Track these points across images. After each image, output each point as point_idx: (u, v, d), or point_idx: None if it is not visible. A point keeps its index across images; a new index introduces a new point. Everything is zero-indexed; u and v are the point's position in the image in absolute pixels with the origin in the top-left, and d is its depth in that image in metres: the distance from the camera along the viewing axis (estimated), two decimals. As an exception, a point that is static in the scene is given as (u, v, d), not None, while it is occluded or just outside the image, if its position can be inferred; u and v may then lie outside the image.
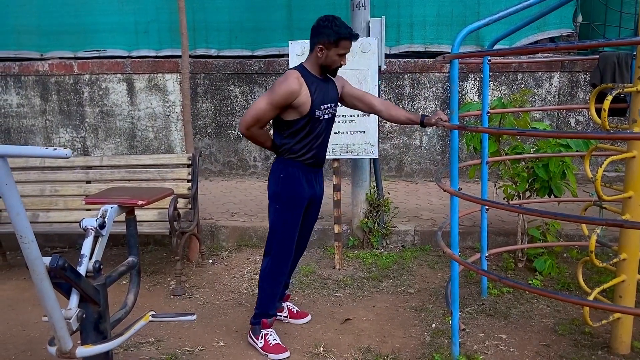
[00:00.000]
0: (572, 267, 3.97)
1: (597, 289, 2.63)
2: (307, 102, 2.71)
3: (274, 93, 2.69)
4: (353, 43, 2.82)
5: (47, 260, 1.97)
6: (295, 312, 3.30)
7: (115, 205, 2.49)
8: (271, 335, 2.94)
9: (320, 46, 2.73)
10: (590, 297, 2.57)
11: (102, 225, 2.34)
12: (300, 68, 2.81)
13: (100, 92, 7.04)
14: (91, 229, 2.32)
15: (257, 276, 3.99)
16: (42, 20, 7.07)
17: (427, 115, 2.93)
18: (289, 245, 2.92)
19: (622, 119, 3.97)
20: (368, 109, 3.09)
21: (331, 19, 2.71)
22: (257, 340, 2.93)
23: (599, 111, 2.46)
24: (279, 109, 2.72)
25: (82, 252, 2.28)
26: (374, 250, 4.47)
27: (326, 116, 2.85)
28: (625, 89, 2.59)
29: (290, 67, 2.99)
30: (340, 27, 2.70)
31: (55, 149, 1.74)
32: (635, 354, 2.79)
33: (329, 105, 2.85)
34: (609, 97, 2.40)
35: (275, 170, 2.90)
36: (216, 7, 6.82)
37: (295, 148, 2.82)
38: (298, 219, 2.91)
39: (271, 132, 2.96)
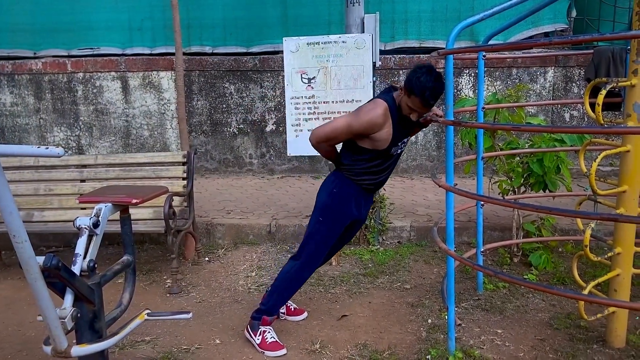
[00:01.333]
0: (567, 261, 3.98)
1: (592, 283, 2.64)
2: (387, 139, 2.67)
3: (357, 119, 2.62)
4: (352, 43, 2.77)
5: (40, 259, 1.95)
6: (292, 309, 3.31)
7: (110, 204, 2.47)
8: (269, 332, 2.94)
9: (402, 90, 2.64)
10: (585, 291, 2.58)
11: (96, 224, 2.33)
12: (391, 101, 2.67)
13: (95, 91, 7.01)
14: (85, 227, 2.31)
15: (254, 274, 4.01)
16: (35, 18, 7.01)
17: None
18: (320, 257, 2.93)
19: (616, 113, 3.99)
20: None
21: (424, 72, 2.54)
22: (255, 336, 2.93)
23: (593, 106, 2.46)
24: (356, 135, 2.66)
25: (76, 251, 2.27)
26: (370, 246, 4.47)
27: (399, 151, 2.83)
28: (620, 84, 2.59)
29: (375, 97, 2.82)
30: (424, 84, 2.51)
31: (47, 148, 1.73)
32: (630, 347, 2.80)
33: (405, 140, 2.82)
34: (603, 92, 2.40)
35: (330, 183, 2.87)
36: (210, 4, 6.79)
37: (360, 172, 2.80)
38: (337, 235, 2.91)
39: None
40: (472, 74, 6.44)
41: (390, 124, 2.64)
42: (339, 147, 2.91)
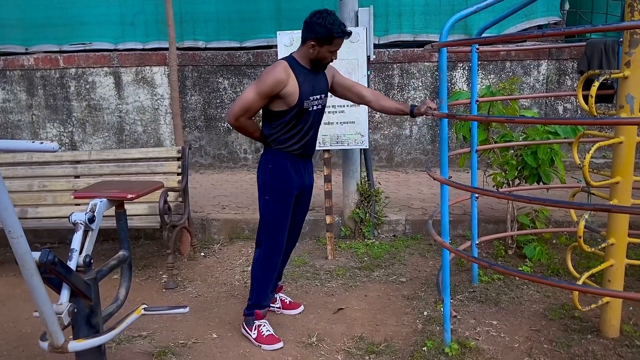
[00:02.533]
0: (561, 253, 4.01)
1: (586, 274, 2.66)
2: (295, 92, 2.70)
3: (261, 82, 2.68)
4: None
5: (36, 255, 1.95)
6: (288, 302, 3.31)
7: (105, 199, 2.47)
8: (264, 326, 2.95)
9: (312, 42, 2.70)
10: (579, 282, 2.60)
11: (91, 220, 2.33)
12: (290, 59, 2.79)
13: (87, 86, 6.97)
14: (80, 223, 2.31)
15: (250, 268, 4.01)
16: (26, 14, 6.96)
17: (416, 105, 2.93)
18: (280, 236, 2.92)
19: (609, 105, 4.01)
20: (358, 100, 3.08)
21: (325, 15, 2.66)
22: (251, 331, 2.94)
23: (586, 98, 2.47)
24: (266, 98, 2.71)
25: (72, 247, 2.27)
26: (365, 240, 4.48)
27: (315, 107, 2.84)
28: (612, 75, 2.61)
29: (279, 58, 2.98)
30: (334, 24, 2.65)
31: (42, 143, 1.72)
32: (624, 337, 2.83)
33: (318, 96, 2.84)
34: (596, 84, 2.42)
35: (263, 161, 2.90)
36: (203, -2, 6.76)
37: (284, 138, 2.82)
38: (288, 209, 2.91)
39: (260, 123, 2.95)
40: (466, 68, 6.45)
41: (294, 77, 2.70)
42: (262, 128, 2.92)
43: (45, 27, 6.95)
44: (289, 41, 4.06)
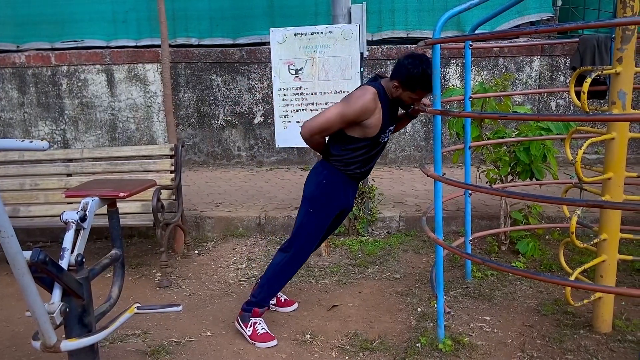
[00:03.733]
0: (554, 248, 4.03)
1: (578, 270, 2.68)
2: (377, 126, 2.67)
3: (348, 106, 2.62)
4: (339, 34, 2.78)
5: (27, 254, 1.94)
6: (282, 300, 3.31)
7: (97, 198, 2.46)
8: (260, 324, 2.94)
9: (397, 84, 2.65)
10: (572, 278, 2.61)
11: (83, 218, 2.31)
12: (380, 88, 2.70)
13: (79, 84, 6.93)
14: (72, 222, 2.29)
15: (244, 266, 4.01)
16: (17, 11, 6.90)
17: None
18: (309, 249, 2.93)
19: (602, 101, 4.02)
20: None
21: (418, 63, 2.58)
22: (246, 327, 2.94)
23: (579, 94, 2.48)
24: (348, 123, 2.66)
25: (63, 246, 2.25)
26: (359, 237, 4.49)
27: (386, 139, 2.85)
28: (605, 72, 2.62)
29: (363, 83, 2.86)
30: (423, 76, 2.57)
31: (32, 141, 1.71)
32: (617, 332, 2.85)
33: (391, 127, 2.83)
34: (588, 80, 2.42)
35: (319, 174, 2.86)
36: (196, -5, 6.73)
37: (348, 162, 2.80)
38: (326, 225, 2.91)
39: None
40: (460, 64, 6.46)
41: (380, 109, 2.66)
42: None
43: (36, 25, 6.90)
44: (281, 38, 4.05)
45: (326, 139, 2.88)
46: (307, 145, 2.90)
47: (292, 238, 2.92)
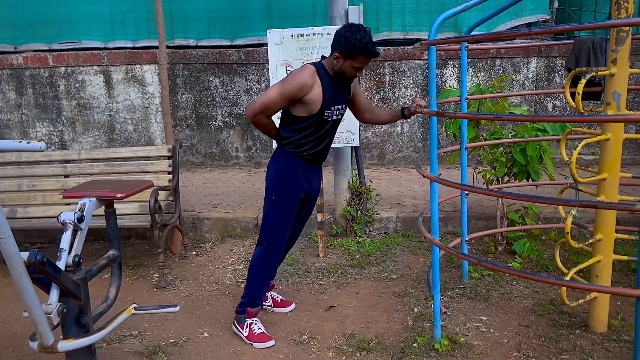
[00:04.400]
0: (550, 249, 4.04)
1: (574, 270, 2.69)
2: (318, 101, 2.69)
3: (286, 83, 2.66)
4: (332, 32, 2.79)
5: (25, 255, 1.95)
6: (279, 300, 3.32)
7: (94, 199, 2.46)
8: (256, 324, 2.95)
9: (337, 54, 2.66)
10: (567, 278, 2.63)
11: (80, 219, 2.32)
12: (318, 65, 2.75)
13: (77, 85, 6.93)
14: (69, 222, 2.30)
15: (241, 267, 4.02)
16: (15, 12, 6.90)
17: (406, 107, 2.96)
18: (282, 237, 2.93)
19: (598, 102, 4.04)
20: (360, 115, 3.10)
21: (355, 30, 2.61)
22: (242, 329, 2.94)
23: (574, 95, 2.49)
24: (288, 100, 2.69)
25: (61, 247, 2.26)
26: (357, 237, 4.50)
27: (334, 117, 2.84)
28: (599, 73, 2.63)
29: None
30: (361, 41, 2.59)
31: (29, 142, 1.71)
32: (612, 331, 2.86)
33: (339, 106, 2.83)
34: (583, 81, 2.44)
35: (274, 161, 2.89)
36: (193, -4, 6.74)
37: (299, 143, 2.82)
38: (293, 211, 2.92)
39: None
40: (457, 65, 6.48)
41: (319, 84, 2.68)
42: (277, 124, 2.93)
43: (34, 26, 6.90)
44: (279, 39, 4.06)
45: (277, 125, 2.90)
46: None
47: (262, 230, 2.94)
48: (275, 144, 3.03)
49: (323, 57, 2.84)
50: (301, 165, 2.87)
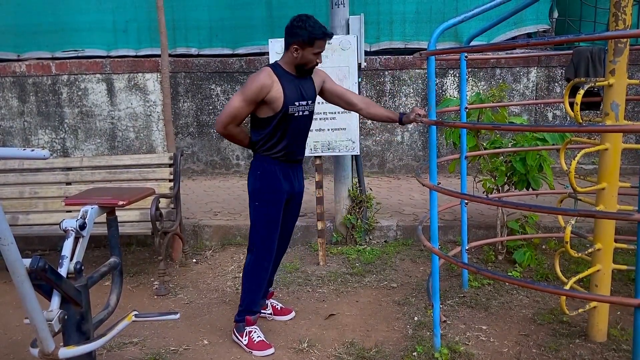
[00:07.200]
0: (550, 258, 4.05)
1: (573, 279, 2.70)
2: (280, 97, 2.74)
3: (246, 89, 2.73)
4: (337, 44, 2.84)
5: (27, 262, 1.96)
6: (279, 308, 3.32)
7: (96, 206, 2.48)
8: (255, 332, 2.95)
9: (295, 46, 2.74)
10: (567, 287, 2.63)
11: (82, 226, 2.33)
12: (274, 65, 2.83)
13: (79, 93, 6.96)
14: (71, 229, 2.32)
15: (241, 274, 4.02)
16: (18, 20, 6.94)
17: (405, 113, 2.97)
18: (270, 242, 2.94)
19: (597, 112, 4.06)
20: (347, 106, 3.12)
21: (304, 19, 2.72)
22: (242, 337, 2.95)
23: (573, 105, 2.51)
24: (252, 104, 2.74)
25: (62, 254, 2.27)
26: (357, 245, 4.50)
27: (302, 113, 2.86)
28: (598, 83, 2.66)
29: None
30: (314, 27, 2.70)
31: (33, 150, 1.73)
32: (612, 341, 2.86)
33: (305, 102, 2.86)
34: (581, 91, 2.46)
35: (253, 168, 2.94)
36: (196, 5, 6.78)
37: (270, 144, 2.85)
38: (278, 215, 2.93)
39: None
40: (457, 75, 6.50)
41: (278, 82, 2.74)
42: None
43: (37, 34, 6.94)
44: (280, 48, 4.08)
45: (248, 135, 2.94)
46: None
47: (250, 237, 2.97)
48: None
49: (276, 62, 2.89)
50: (279, 168, 2.90)
